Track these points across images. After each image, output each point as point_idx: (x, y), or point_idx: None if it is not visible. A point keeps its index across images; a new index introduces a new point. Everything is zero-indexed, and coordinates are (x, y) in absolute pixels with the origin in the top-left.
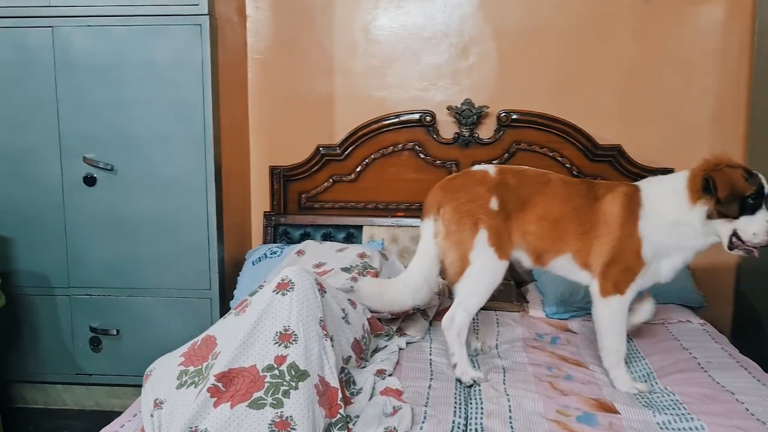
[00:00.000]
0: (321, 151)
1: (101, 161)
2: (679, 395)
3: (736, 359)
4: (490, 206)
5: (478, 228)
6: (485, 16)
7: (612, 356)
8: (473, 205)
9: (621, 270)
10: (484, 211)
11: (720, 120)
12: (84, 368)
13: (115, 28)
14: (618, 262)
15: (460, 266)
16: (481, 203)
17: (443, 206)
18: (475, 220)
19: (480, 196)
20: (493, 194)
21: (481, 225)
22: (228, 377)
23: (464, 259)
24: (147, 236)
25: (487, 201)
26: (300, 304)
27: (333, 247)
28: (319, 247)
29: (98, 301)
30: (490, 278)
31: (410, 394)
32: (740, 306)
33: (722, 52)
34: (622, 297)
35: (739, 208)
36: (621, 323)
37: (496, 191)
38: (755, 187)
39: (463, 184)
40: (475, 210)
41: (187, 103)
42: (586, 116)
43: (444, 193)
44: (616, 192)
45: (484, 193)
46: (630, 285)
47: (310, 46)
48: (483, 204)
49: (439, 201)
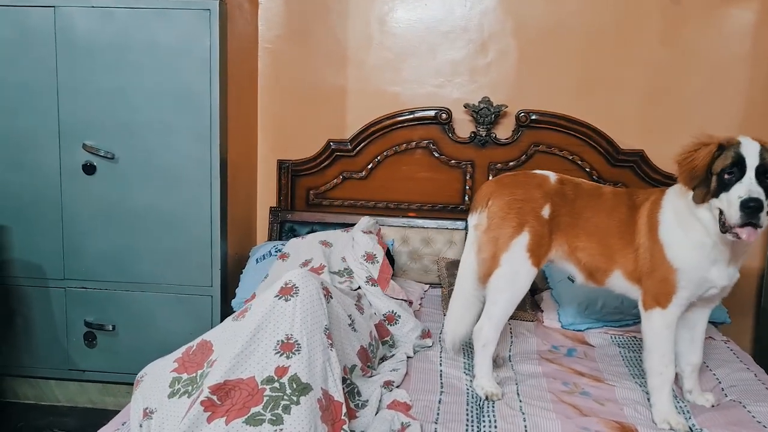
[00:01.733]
0: (331, 146)
1: (102, 149)
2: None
3: (763, 382)
4: (542, 212)
5: (523, 230)
6: (506, 11)
7: (654, 378)
8: (526, 205)
9: (657, 280)
10: (534, 215)
11: (747, 129)
12: (77, 364)
13: (119, 10)
14: (651, 271)
15: (490, 266)
16: (533, 206)
17: (493, 198)
18: (522, 221)
19: (535, 199)
20: (548, 201)
21: (526, 228)
22: (224, 389)
23: (495, 258)
24: (147, 229)
25: (541, 206)
26: (304, 310)
27: (316, 238)
28: (302, 243)
29: (94, 294)
30: (518, 285)
31: (419, 409)
32: (762, 319)
33: (752, 58)
34: (664, 311)
35: (717, 186)
36: (664, 342)
37: (552, 199)
38: (728, 161)
39: (520, 183)
40: (526, 211)
41: (193, 92)
42: (608, 119)
43: (498, 186)
44: (649, 199)
45: (539, 197)
46: (671, 298)
47: (323, 36)
48: (536, 207)
49: (490, 193)
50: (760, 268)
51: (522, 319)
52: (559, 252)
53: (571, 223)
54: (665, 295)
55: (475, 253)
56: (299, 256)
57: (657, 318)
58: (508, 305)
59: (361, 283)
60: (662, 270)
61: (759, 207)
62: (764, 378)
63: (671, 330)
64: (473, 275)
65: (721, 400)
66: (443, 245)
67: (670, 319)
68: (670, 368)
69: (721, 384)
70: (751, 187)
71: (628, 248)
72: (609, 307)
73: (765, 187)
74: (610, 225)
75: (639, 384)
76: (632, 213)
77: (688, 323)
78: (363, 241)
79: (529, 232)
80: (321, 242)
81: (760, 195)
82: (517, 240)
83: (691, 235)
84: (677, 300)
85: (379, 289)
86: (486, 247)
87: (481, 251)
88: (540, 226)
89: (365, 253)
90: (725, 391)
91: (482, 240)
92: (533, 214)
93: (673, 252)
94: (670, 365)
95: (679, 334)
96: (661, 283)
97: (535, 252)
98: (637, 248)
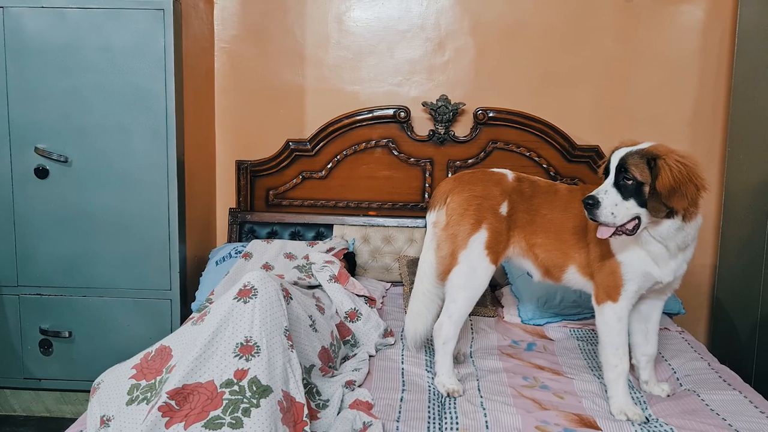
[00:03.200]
0: (290, 146)
1: (54, 152)
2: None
3: (716, 371)
4: (500, 209)
5: (481, 227)
6: (463, 9)
7: (610, 371)
8: (484, 202)
9: (606, 274)
10: (493, 212)
11: (699, 121)
12: (33, 372)
13: (70, 10)
14: (602, 265)
15: (449, 263)
16: (492, 203)
17: (452, 195)
18: (481, 218)
19: (493, 196)
20: (506, 198)
21: (484, 224)
22: (182, 394)
23: (454, 256)
24: (103, 233)
25: (499, 203)
26: (263, 312)
27: (281, 249)
28: (267, 248)
29: (49, 300)
30: (476, 282)
31: (381, 407)
32: (715, 310)
33: (702, 53)
34: (615, 304)
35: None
36: (617, 335)
37: (510, 196)
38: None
39: (479, 180)
40: (485, 208)
41: (148, 93)
42: (564, 116)
43: (456, 183)
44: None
45: (498, 194)
46: (620, 291)
47: (280, 36)
48: (494, 205)
49: (449, 190)
50: (713, 259)
51: (483, 315)
52: (517, 249)
53: (528, 220)
54: (614, 288)
55: (434, 250)
56: (262, 259)
57: (609, 311)
58: (467, 302)
59: (324, 282)
60: (610, 263)
61: (593, 204)
62: (717, 367)
63: (623, 323)
64: (432, 273)
65: (677, 389)
66: (404, 243)
67: (622, 313)
68: (625, 360)
69: (676, 374)
70: (598, 189)
71: (581, 243)
72: (567, 301)
73: (620, 188)
74: (564, 221)
75: (597, 376)
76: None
77: (642, 315)
78: (321, 256)
79: (487, 229)
80: (285, 255)
81: (599, 194)
82: (475, 237)
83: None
84: (626, 293)
85: (340, 285)
86: (445, 244)
87: (440, 249)
88: (498, 223)
89: (324, 261)
90: (680, 380)
91: (441, 237)
92: (491, 211)
93: (616, 245)
94: (624, 357)
95: (634, 326)
96: (609, 276)
97: (494, 249)
98: (588, 243)
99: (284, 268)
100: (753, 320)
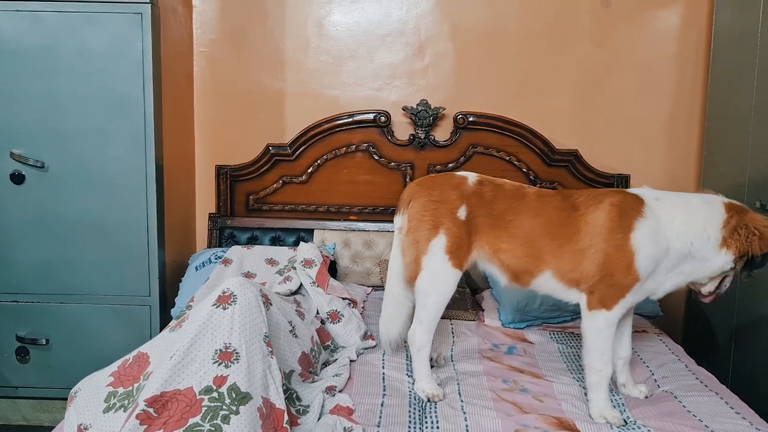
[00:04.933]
0: (270, 151)
1: (31, 158)
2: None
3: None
4: (458, 214)
5: (438, 232)
6: (442, 14)
7: (593, 375)
8: (441, 206)
9: (609, 285)
10: (450, 217)
11: (676, 125)
12: (9, 380)
13: (46, 14)
14: (606, 276)
15: (413, 269)
16: (449, 207)
17: (413, 200)
18: (437, 222)
19: (450, 200)
20: (464, 202)
21: (441, 230)
22: (160, 401)
23: (417, 262)
24: (81, 238)
25: (456, 207)
26: (243, 318)
27: (262, 255)
28: (247, 254)
29: (26, 307)
30: (442, 288)
31: (362, 413)
32: (693, 312)
33: (679, 58)
34: (609, 312)
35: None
36: (605, 341)
37: (468, 200)
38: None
39: (437, 184)
40: (441, 212)
41: (126, 97)
42: (544, 120)
43: (417, 188)
44: (604, 201)
45: (455, 198)
46: (619, 301)
47: (260, 40)
48: (451, 209)
49: (411, 195)
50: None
51: (463, 319)
52: (481, 253)
53: (491, 225)
54: (613, 298)
55: (400, 255)
56: (243, 267)
57: (601, 319)
58: (436, 307)
59: (306, 285)
60: (620, 276)
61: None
62: (694, 368)
63: (613, 329)
64: (400, 277)
65: (654, 391)
66: (385, 248)
67: (613, 320)
68: (609, 366)
69: (653, 375)
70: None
71: (563, 249)
72: (547, 305)
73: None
74: (535, 226)
75: (576, 379)
76: (571, 214)
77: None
78: (303, 249)
79: (445, 234)
80: (267, 261)
81: None
82: (434, 242)
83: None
84: (624, 303)
85: (321, 290)
86: (408, 250)
87: (405, 255)
88: (456, 227)
89: (303, 260)
90: (658, 382)
91: (404, 243)
92: (449, 215)
93: (642, 261)
94: (608, 363)
95: None
96: (612, 287)
97: (455, 253)
98: (582, 249)
99: (266, 275)
100: (730, 322)
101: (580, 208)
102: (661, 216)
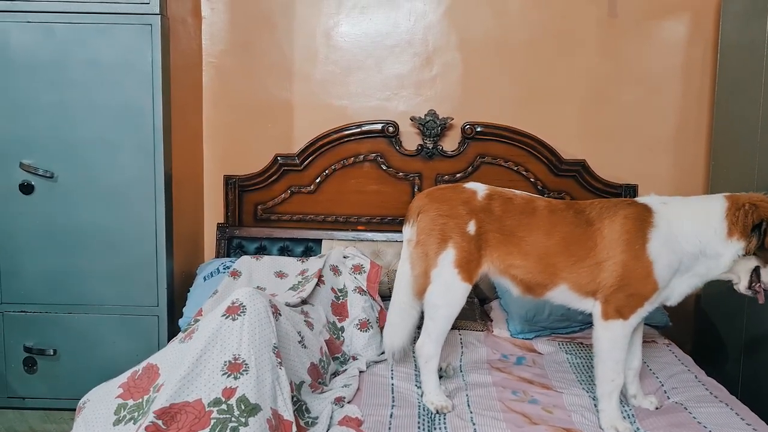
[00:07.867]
0: (279, 161)
1: (40, 168)
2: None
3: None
4: (467, 229)
5: (447, 246)
6: (450, 25)
7: (605, 385)
8: (450, 221)
9: (627, 294)
10: (459, 232)
11: (683, 136)
12: (17, 391)
13: (57, 25)
14: (624, 286)
15: (422, 282)
16: (458, 222)
17: (422, 212)
18: (447, 237)
19: (459, 215)
20: (473, 217)
21: (451, 243)
22: (169, 413)
23: (426, 275)
24: (89, 248)
25: (466, 222)
26: (252, 329)
27: (271, 267)
28: (256, 265)
29: (34, 318)
30: (452, 301)
31: (371, 424)
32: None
33: (686, 68)
34: (625, 322)
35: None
36: (620, 350)
37: (477, 216)
38: None
39: (446, 198)
40: (451, 227)
41: (136, 108)
42: (551, 130)
43: (427, 201)
44: (618, 213)
45: (464, 213)
46: (636, 311)
47: (268, 51)
48: (460, 224)
49: (420, 207)
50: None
51: (472, 329)
52: (492, 268)
53: (501, 240)
54: (630, 308)
55: (409, 266)
56: (251, 279)
57: (617, 328)
58: (445, 320)
59: (349, 291)
60: (639, 286)
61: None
62: (704, 379)
63: (628, 339)
64: (408, 288)
65: (664, 401)
66: (393, 258)
67: (629, 330)
68: (621, 375)
69: (663, 386)
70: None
71: (581, 263)
72: (556, 315)
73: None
74: (550, 245)
75: (586, 390)
76: (587, 230)
77: None
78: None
79: (454, 248)
80: (276, 274)
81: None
82: (443, 256)
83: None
84: (641, 312)
85: (367, 297)
86: (417, 263)
87: (414, 267)
88: (466, 242)
89: (352, 266)
90: (668, 393)
91: (413, 255)
92: (458, 230)
93: (661, 270)
94: (621, 372)
95: None
96: (630, 297)
97: (465, 267)
98: (600, 262)
99: (275, 288)
100: (739, 332)
101: (595, 223)
102: (671, 219)
